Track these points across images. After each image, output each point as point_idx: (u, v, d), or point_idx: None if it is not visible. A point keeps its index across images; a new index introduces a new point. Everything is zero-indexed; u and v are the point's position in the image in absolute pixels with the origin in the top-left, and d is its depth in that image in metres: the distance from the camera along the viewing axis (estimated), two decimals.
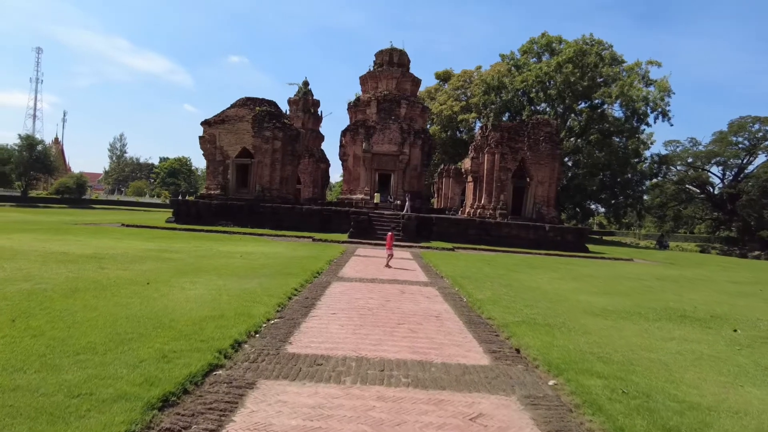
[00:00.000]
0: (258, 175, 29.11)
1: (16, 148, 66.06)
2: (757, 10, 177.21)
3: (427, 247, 23.10)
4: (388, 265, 14.13)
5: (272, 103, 30.58)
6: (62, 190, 70.22)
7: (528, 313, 8.25)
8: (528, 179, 29.90)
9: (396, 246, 22.81)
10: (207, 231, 24.19)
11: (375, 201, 31.81)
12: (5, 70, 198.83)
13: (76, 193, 71.38)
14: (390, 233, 15.60)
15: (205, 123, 29.44)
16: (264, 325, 6.44)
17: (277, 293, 8.41)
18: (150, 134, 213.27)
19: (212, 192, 29.08)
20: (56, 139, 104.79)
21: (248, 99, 30.24)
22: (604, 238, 65.07)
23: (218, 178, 29.27)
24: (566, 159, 49.45)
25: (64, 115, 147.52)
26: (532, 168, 29.52)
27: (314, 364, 4.91)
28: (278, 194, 29.31)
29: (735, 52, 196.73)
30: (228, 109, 29.71)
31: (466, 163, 31.92)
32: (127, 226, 25.54)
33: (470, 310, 8.48)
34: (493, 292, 10.22)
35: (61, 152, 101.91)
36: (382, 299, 8.82)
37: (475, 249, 24.47)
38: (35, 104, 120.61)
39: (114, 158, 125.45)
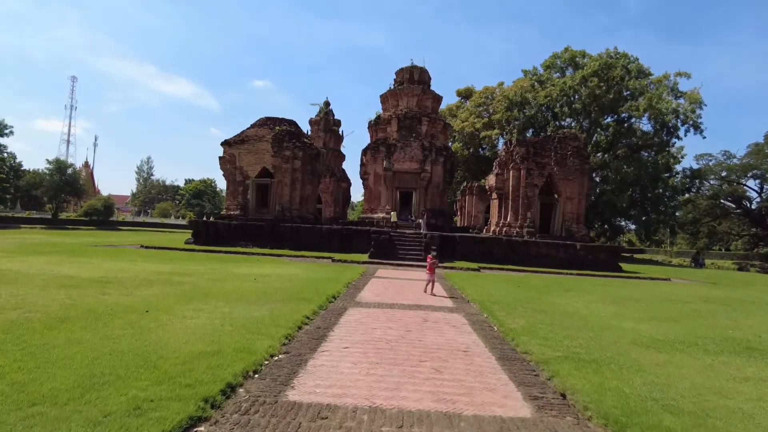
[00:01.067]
0: (278, 194, 28.69)
1: (47, 172, 68.05)
2: None
3: (451, 267, 22.07)
4: (432, 293, 12.91)
5: (292, 123, 30.31)
6: (90, 212, 71.57)
7: (569, 346, 7.23)
8: (556, 195, 28.69)
9: (419, 267, 21.87)
10: (225, 252, 23.71)
11: (392, 219, 30.84)
12: (44, 99, 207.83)
13: (103, 215, 72.64)
14: (429, 256, 14.07)
15: (225, 143, 29.30)
16: (266, 362, 5.62)
17: (287, 322, 7.60)
18: (177, 157, 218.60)
19: (232, 212, 28.75)
20: (86, 162, 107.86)
21: (268, 119, 30.04)
22: (635, 256, 62.56)
23: (238, 198, 28.95)
24: (593, 175, 47.87)
25: (95, 140, 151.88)
26: (560, 184, 28.33)
27: (317, 418, 4.05)
28: (298, 214, 28.79)
29: (763, 63, 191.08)
30: (248, 129, 29.54)
31: (491, 180, 30.90)
32: (146, 247, 25.27)
33: (503, 342, 7.50)
34: (527, 320, 9.20)
35: (91, 175, 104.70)
36: (402, 329, 7.91)
37: (501, 269, 23.31)
38: (69, 130, 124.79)
39: (141, 180, 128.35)
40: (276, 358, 5.85)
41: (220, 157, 29.27)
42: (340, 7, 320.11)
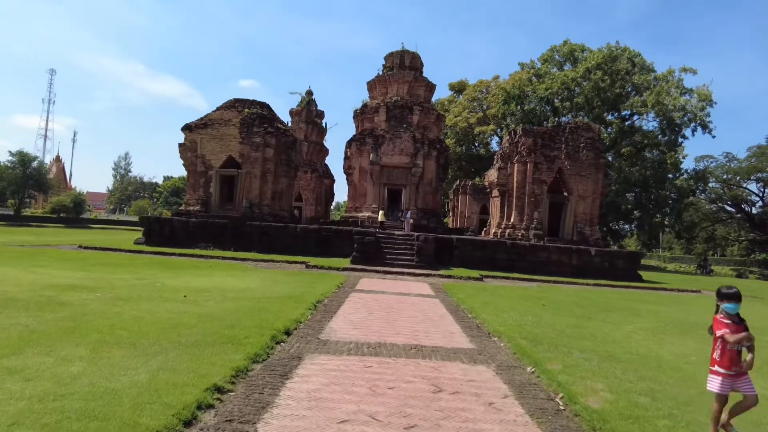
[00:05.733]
0: (246, 188, 24.64)
1: (9, 164, 62.82)
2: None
3: (449, 276, 18.32)
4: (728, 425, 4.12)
5: (264, 105, 26.30)
6: (59, 209, 67.02)
7: None
8: (566, 193, 25.12)
9: (411, 275, 18.02)
10: (177, 255, 19.70)
11: (379, 219, 26.92)
12: (24, 94, 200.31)
13: (73, 212, 68.07)
14: (719, 317, 4.02)
15: (186, 128, 25.18)
16: None
17: (162, 410, 3.73)
18: (161, 154, 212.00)
19: (191, 208, 24.62)
20: (57, 157, 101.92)
21: (237, 101, 25.99)
22: None
23: (199, 192, 24.84)
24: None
25: (74, 135, 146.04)
26: (572, 180, 24.76)
27: None
28: (270, 211, 24.78)
29: (748, 74, 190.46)
30: (212, 112, 25.47)
31: (491, 175, 27.23)
32: (85, 248, 21.13)
33: None
34: (608, 383, 5.41)
35: (62, 170, 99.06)
36: (395, 418, 4.04)
37: (507, 278, 19.64)
38: (46, 124, 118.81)
39: (118, 177, 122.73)
40: None
41: (179, 144, 25.13)
42: (329, 9, 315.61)
